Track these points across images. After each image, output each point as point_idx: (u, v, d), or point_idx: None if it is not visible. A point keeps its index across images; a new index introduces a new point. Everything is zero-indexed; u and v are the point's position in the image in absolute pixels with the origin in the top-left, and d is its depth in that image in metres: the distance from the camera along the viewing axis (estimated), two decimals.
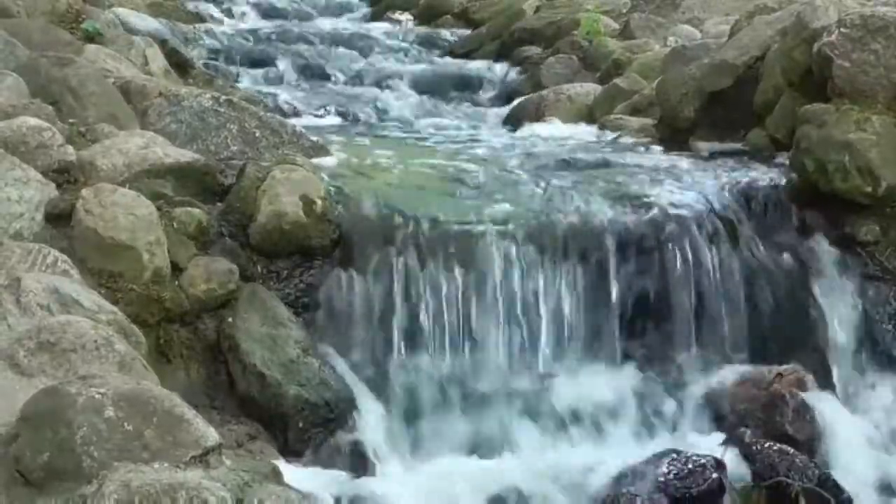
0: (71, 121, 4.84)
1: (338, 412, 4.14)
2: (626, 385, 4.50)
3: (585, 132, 6.31)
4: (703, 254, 4.69)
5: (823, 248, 4.79)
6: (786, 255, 4.78)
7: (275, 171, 4.50)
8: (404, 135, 6.43)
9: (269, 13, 10.37)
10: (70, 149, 4.48)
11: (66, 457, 2.88)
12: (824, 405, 4.42)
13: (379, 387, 4.29)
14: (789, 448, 4.15)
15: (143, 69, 6.13)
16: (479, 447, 4.22)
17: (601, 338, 4.59)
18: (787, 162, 5.08)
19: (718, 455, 4.09)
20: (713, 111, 5.80)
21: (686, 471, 3.98)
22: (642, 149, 5.73)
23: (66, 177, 4.41)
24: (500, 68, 8.36)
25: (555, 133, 6.31)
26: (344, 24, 10.01)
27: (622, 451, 4.23)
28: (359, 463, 4.08)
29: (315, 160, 5.01)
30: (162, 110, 5.25)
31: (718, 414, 4.44)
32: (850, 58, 4.89)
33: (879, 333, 4.71)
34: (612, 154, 5.58)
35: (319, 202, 4.47)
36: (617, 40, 8.02)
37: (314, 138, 5.41)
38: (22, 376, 3.28)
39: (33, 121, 4.47)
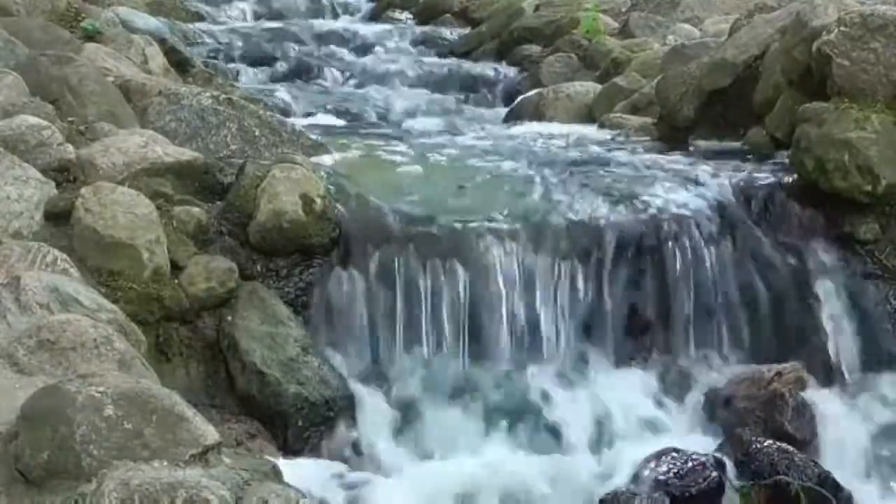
0: (70, 119, 4.84)
1: (337, 410, 4.14)
2: (625, 384, 4.50)
3: (585, 131, 6.30)
4: (703, 253, 4.69)
5: (823, 247, 4.79)
6: (785, 254, 4.78)
7: (274, 170, 4.50)
8: (404, 134, 6.43)
9: (268, 12, 10.38)
10: (69, 147, 4.49)
11: (66, 455, 2.88)
12: (824, 404, 4.41)
13: (378, 385, 4.29)
14: (789, 446, 4.14)
15: (142, 68, 6.13)
16: (479, 446, 4.21)
17: (601, 337, 4.59)
18: (787, 161, 5.08)
19: (718, 453, 4.09)
20: (713, 110, 5.80)
21: (686, 469, 3.98)
22: (642, 148, 5.72)
23: (65, 175, 4.41)
24: (499, 67, 8.36)
25: (554, 132, 6.30)
26: (344, 24, 10.01)
27: (622, 449, 4.23)
28: (358, 461, 4.09)
29: (314, 159, 5.01)
30: (161, 109, 5.25)
31: (718, 413, 4.43)
32: (849, 56, 4.89)
33: (879, 332, 4.71)
34: (611, 153, 5.58)
35: (319, 201, 4.47)
36: (616, 39, 8.03)
37: (313, 137, 5.42)
38: (21, 375, 3.28)
39: (33, 119, 4.47)
